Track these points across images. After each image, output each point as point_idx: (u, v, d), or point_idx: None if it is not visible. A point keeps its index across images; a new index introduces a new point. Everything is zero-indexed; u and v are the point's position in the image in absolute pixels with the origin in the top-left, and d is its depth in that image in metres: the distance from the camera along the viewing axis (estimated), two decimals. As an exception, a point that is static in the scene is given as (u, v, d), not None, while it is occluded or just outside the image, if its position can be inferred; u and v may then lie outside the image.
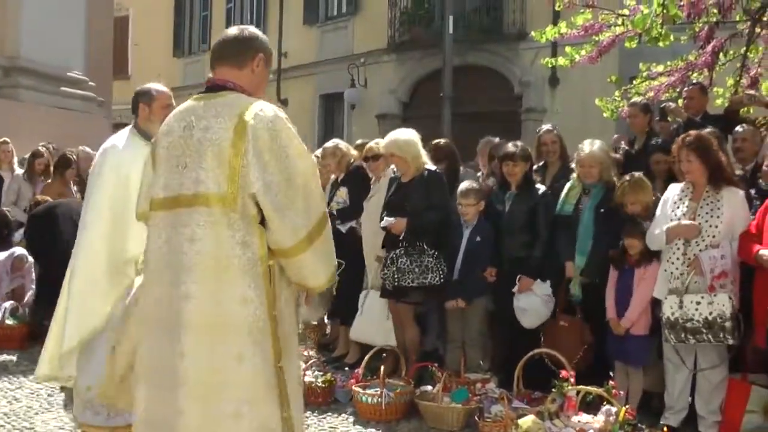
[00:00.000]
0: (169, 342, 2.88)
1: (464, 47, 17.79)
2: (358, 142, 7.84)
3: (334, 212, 6.61)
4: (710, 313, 4.71)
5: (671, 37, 5.82)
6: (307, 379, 5.64)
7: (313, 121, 22.27)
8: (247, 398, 2.84)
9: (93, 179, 4.51)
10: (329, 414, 5.49)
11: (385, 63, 20.79)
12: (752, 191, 5.44)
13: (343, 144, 7.20)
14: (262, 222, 2.88)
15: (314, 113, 22.55)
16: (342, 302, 6.59)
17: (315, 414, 5.43)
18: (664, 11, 5.24)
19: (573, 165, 6.05)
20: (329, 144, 7.19)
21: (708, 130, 5.56)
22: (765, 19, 6.05)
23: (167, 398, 2.87)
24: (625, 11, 5.99)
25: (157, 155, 3.10)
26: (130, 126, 4.65)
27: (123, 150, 4.48)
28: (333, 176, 7.11)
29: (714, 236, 4.86)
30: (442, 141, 7.16)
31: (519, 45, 18.19)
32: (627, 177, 5.65)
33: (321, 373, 5.83)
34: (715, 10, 5.97)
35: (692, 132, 5.18)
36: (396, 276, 5.74)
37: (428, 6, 19.51)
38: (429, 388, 5.55)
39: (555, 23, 14.34)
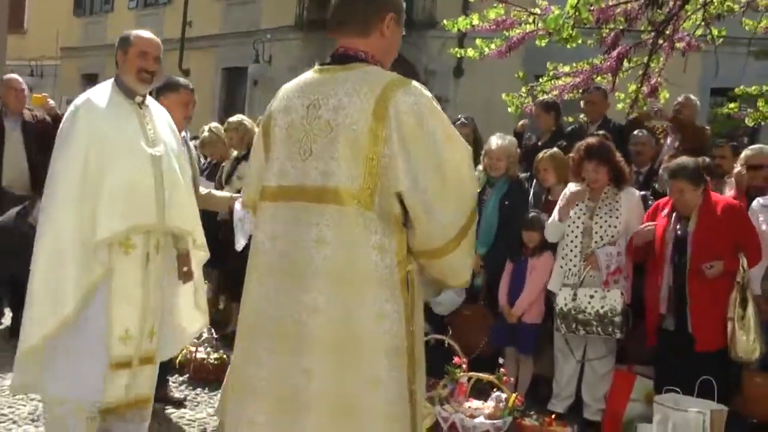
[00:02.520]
0: (290, 356, 2.45)
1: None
2: (261, 118, 7.79)
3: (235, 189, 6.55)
4: (602, 307, 4.94)
5: (579, 40, 6.02)
6: (199, 355, 5.67)
7: (213, 95, 21.86)
8: (380, 429, 2.45)
9: (62, 140, 3.75)
10: (214, 393, 5.44)
11: (291, 40, 20.59)
12: (647, 192, 5.74)
13: (247, 120, 7.14)
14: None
15: (216, 86, 22.15)
16: (234, 279, 6.51)
17: (206, 391, 5.42)
18: (576, 13, 5.40)
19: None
20: (233, 119, 7.13)
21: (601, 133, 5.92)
22: (667, 32, 6.32)
23: (283, 421, 2.47)
24: (537, 10, 6.15)
25: (271, 134, 2.62)
26: (111, 80, 3.96)
27: (101, 107, 3.78)
28: (234, 152, 7.05)
29: (612, 235, 5.09)
30: None
31: (428, 33, 18.34)
32: (546, 150, 5.99)
33: (213, 350, 5.79)
34: (622, 18, 6.20)
35: (591, 140, 5.40)
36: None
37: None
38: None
39: (465, 13, 14.74)
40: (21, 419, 4.57)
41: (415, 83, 2.47)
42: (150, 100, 4.02)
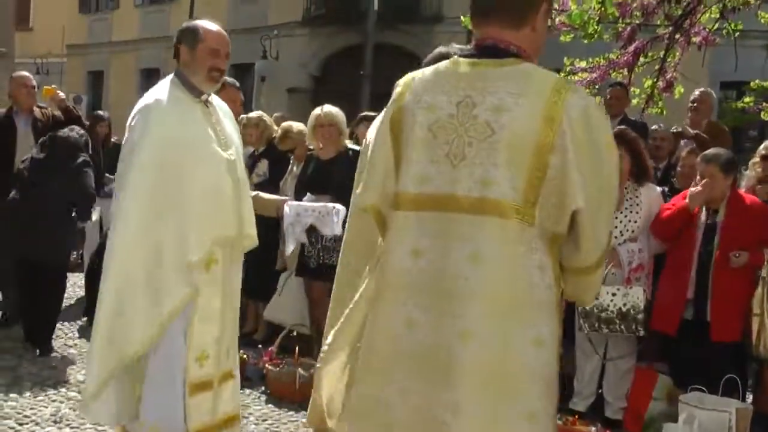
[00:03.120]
0: (436, 389, 2.17)
1: (380, 26, 17.81)
2: (276, 114, 7.79)
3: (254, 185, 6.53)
4: (624, 305, 4.90)
5: (602, 36, 6.00)
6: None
7: (221, 90, 21.85)
8: None
9: (131, 146, 3.33)
10: (241, 392, 5.39)
11: (298, 36, 20.60)
12: (665, 188, 5.71)
13: (267, 117, 7.10)
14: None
15: (223, 82, 22.14)
16: (253, 280, 6.52)
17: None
18: (602, 9, 5.37)
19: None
20: (253, 114, 7.07)
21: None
22: (685, 26, 6.29)
23: None
24: (556, 5, 6.11)
25: (405, 133, 2.31)
26: (170, 76, 3.52)
27: (173, 110, 3.38)
28: (251, 148, 7.02)
29: (633, 231, 5.05)
30: None
31: (435, 27, 18.32)
32: None
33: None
34: (638, 13, 6.16)
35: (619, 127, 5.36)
36: (321, 254, 5.71)
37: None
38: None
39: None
40: (44, 420, 4.53)
41: (578, 85, 2.27)
42: (212, 96, 3.64)
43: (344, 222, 4.88)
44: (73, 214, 6.10)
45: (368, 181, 2.45)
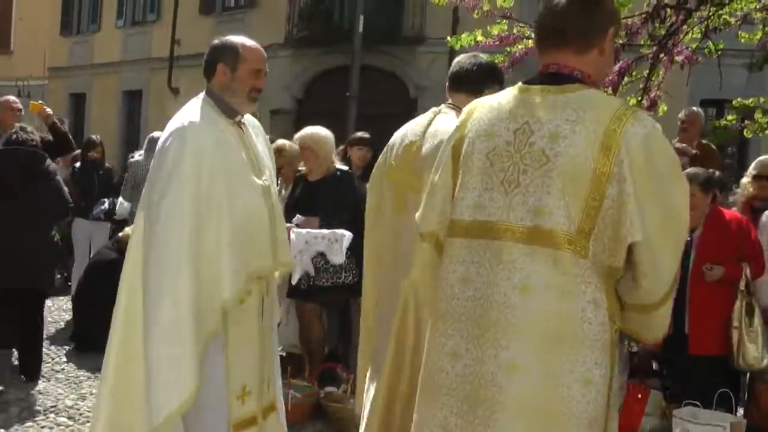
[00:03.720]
0: (479, 425, 2.13)
1: (363, 47, 17.89)
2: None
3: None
4: (617, 321, 4.93)
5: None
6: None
7: (204, 112, 21.80)
8: None
9: (167, 173, 3.04)
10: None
11: (281, 58, 20.60)
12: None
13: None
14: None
15: (206, 104, 22.11)
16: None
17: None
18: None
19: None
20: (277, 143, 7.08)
21: None
22: (668, 46, 6.36)
23: None
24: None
25: (464, 159, 2.29)
26: (202, 95, 3.30)
27: (208, 133, 3.14)
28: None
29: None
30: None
31: (417, 49, 18.42)
32: None
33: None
34: (623, 33, 6.22)
35: None
36: (311, 276, 5.71)
37: (328, 3, 19.48)
38: (333, 389, 5.55)
39: (454, 28, 14.77)
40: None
41: (642, 111, 2.21)
42: (246, 116, 3.45)
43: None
44: (53, 232, 6.00)
45: (427, 208, 2.44)
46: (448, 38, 6.71)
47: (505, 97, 2.30)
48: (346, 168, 6.16)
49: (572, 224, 2.07)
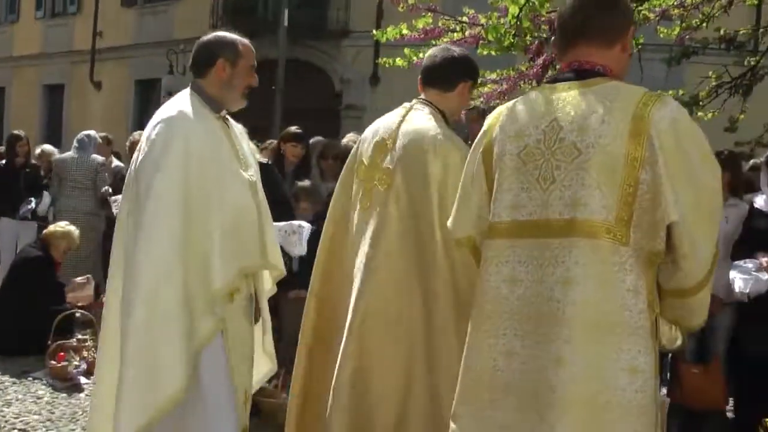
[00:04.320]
0: (536, 421, 2.13)
1: (288, 41, 17.80)
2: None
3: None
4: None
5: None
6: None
7: (128, 107, 21.40)
8: None
9: (153, 162, 2.97)
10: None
11: (205, 51, 20.36)
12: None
13: None
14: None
15: (129, 99, 21.68)
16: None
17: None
18: (518, 23, 5.51)
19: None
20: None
21: None
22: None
23: None
24: (465, 18, 6.24)
25: (496, 162, 2.32)
26: (187, 90, 3.22)
27: (197, 125, 3.07)
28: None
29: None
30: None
31: (342, 42, 18.43)
32: None
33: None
34: (546, 27, 6.34)
35: None
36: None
37: (253, -4, 19.31)
38: (265, 385, 5.53)
39: (378, 22, 14.82)
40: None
41: (668, 96, 2.24)
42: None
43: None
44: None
45: (460, 213, 2.47)
46: (374, 32, 6.72)
47: (530, 97, 2.36)
48: (265, 160, 6.08)
49: (610, 213, 2.11)
